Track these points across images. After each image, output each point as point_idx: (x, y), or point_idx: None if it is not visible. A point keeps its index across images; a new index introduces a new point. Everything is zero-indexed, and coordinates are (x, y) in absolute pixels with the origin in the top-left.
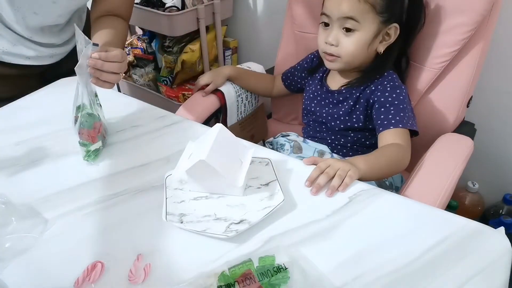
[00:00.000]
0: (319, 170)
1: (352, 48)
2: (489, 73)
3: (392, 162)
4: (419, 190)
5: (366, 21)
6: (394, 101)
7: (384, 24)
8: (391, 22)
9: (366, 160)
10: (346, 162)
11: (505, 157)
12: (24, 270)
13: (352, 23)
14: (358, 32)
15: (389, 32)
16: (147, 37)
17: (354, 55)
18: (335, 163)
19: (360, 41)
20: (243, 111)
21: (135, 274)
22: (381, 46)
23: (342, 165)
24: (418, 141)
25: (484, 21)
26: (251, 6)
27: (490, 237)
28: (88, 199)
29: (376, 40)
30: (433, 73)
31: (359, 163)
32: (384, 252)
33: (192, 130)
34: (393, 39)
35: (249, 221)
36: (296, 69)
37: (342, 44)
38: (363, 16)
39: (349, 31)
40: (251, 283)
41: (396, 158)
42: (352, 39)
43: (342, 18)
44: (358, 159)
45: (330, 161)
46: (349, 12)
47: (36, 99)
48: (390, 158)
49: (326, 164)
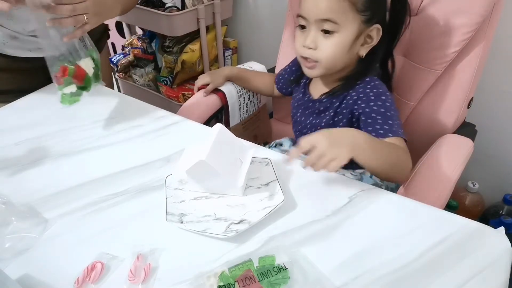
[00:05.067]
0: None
1: (331, 51)
2: (490, 74)
3: (395, 158)
4: (419, 190)
5: (346, 21)
6: (380, 109)
7: (366, 25)
8: (373, 22)
9: (370, 142)
10: (340, 148)
11: (505, 157)
12: (24, 270)
13: (330, 25)
14: (337, 34)
15: (371, 34)
16: (147, 37)
17: (334, 59)
18: (328, 151)
19: (340, 43)
20: (245, 111)
21: (135, 274)
22: (363, 49)
23: (331, 155)
24: (419, 141)
25: (485, 22)
26: (251, 6)
27: (490, 237)
28: (88, 199)
29: (357, 42)
30: (434, 74)
31: (362, 140)
32: (384, 252)
33: (192, 130)
34: (376, 42)
35: (249, 221)
36: (286, 71)
37: (320, 47)
38: (343, 15)
39: (328, 33)
40: (251, 283)
41: (400, 157)
42: (331, 42)
43: (320, 20)
44: (362, 137)
45: (323, 147)
46: (327, 13)
47: (36, 99)
48: (395, 153)
49: (319, 154)
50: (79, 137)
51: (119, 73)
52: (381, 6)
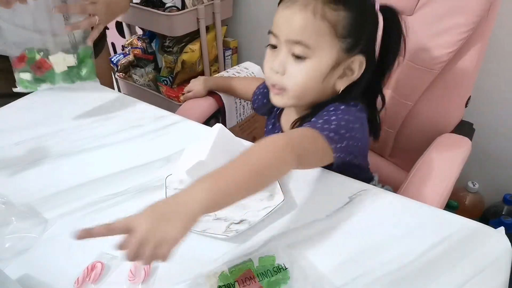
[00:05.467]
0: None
1: (301, 79)
2: (488, 73)
3: (263, 163)
4: (417, 190)
5: (321, 46)
6: (327, 113)
7: (347, 54)
8: (356, 52)
9: (213, 184)
10: (167, 225)
11: (505, 157)
12: (24, 270)
13: (302, 49)
14: (310, 60)
15: (352, 66)
16: (147, 37)
17: (304, 88)
18: (151, 234)
19: (312, 71)
20: (242, 113)
21: (135, 274)
22: (341, 83)
23: (156, 238)
24: (417, 141)
25: (481, 21)
26: (251, 6)
27: (490, 237)
28: (88, 199)
29: (335, 73)
30: (431, 73)
31: (198, 200)
32: (384, 252)
33: (192, 130)
34: (356, 77)
35: (249, 221)
36: (260, 91)
37: (289, 72)
38: (318, 39)
39: (299, 58)
40: (251, 283)
41: (270, 162)
42: (301, 68)
43: (290, 42)
44: (199, 192)
45: (143, 230)
46: (299, 33)
47: (36, 99)
48: (259, 160)
49: (138, 241)
50: (79, 137)
51: (119, 73)
52: (366, 34)
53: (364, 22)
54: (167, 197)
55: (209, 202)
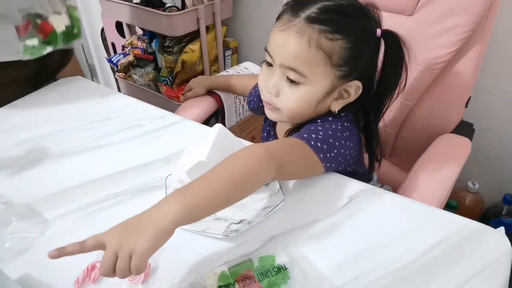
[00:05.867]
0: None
1: (294, 104)
2: (488, 73)
3: (243, 178)
4: (418, 190)
5: (316, 75)
6: (315, 124)
7: (342, 80)
8: (352, 78)
9: (187, 196)
10: (135, 236)
11: (505, 157)
12: (24, 270)
13: (296, 76)
14: (304, 86)
15: (348, 89)
16: (147, 37)
17: (297, 111)
18: (121, 247)
19: (305, 97)
20: (241, 112)
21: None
22: (336, 105)
23: (126, 250)
24: (417, 141)
25: (482, 21)
26: (251, 6)
27: (490, 237)
28: (88, 199)
29: (330, 97)
30: (431, 74)
31: (171, 212)
32: (384, 252)
33: (192, 130)
34: (353, 99)
35: (249, 221)
36: (256, 93)
37: (282, 96)
38: (313, 68)
39: (293, 83)
40: (251, 283)
41: (246, 172)
42: (295, 94)
43: (285, 67)
44: (172, 204)
45: (114, 244)
46: (294, 61)
47: (36, 99)
48: (236, 175)
49: (111, 255)
50: (79, 137)
51: (119, 73)
52: (364, 61)
53: (362, 50)
54: (140, 212)
55: (180, 215)
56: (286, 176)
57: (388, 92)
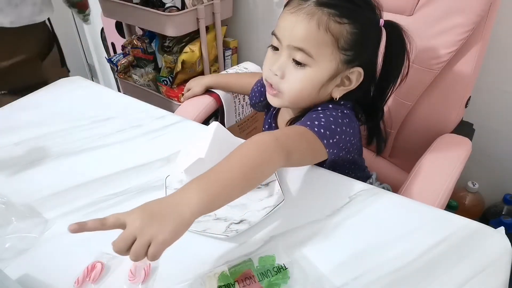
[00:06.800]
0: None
1: (298, 86)
2: (488, 73)
3: (253, 161)
4: (418, 190)
5: (323, 56)
6: (316, 112)
7: (346, 65)
8: (355, 64)
9: (207, 186)
10: (159, 225)
11: (505, 157)
12: (24, 270)
13: (303, 56)
14: (309, 68)
15: (350, 76)
16: (147, 37)
17: (299, 94)
18: (141, 232)
19: (310, 79)
20: (241, 112)
21: (135, 274)
22: (337, 92)
23: (146, 237)
24: (417, 141)
25: (482, 21)
26: (251, 6)
27: (490, 237)
28: (88, 199)
29: (332, 82)
30: (431, 74)
31: (193, 202)
32: (384, 252)
33: (192, 130)
34: (354, 86)
35: (249, 221)
36: (258, 88)
37: (287, 77)
38: (320, 49)
39: (299, 65)
40: (251, 283)
41: (258, 161)
42: (300, 75)
43: (292, 47)
44: (193, 195)
45: (134, 227)
46: (302, 41)
47: (36, 99)
48: (248, 158)
49: (127, 237)
50: (79, 137)
51: (119, 73)
52: (368, 48)
53: (367, 36)
54: (161, 198)
55: (201, 205)
56: (293, 164)
57: (392, 79)
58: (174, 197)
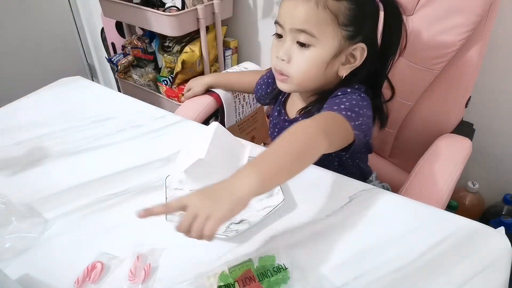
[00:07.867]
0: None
1: (305, 66)
2: (488, 73)
3: (300, 146)
4: (418, 190)
5: (325, 35)
6: (337, 97)
7: (348, 42)
8: (358, 40)
9: (259, 169)
10: (216, 203)
11: (505, 157)
12: (24, 270)
13: (306, 37)
14: (314, 48)
15: (354, 53)
16: (147, 37)
17: (307, 75)
18: (201, 209)
19: (315, 59)
20: (241, 112)
21: (135, 274)
22: (344, 70)
23: (204, 213)
24: (417, 141)
25: (482, 21)
26: (251, 6)
27: (490, 237)
28: (88, 199)
29: (337, 60)
30: (431, 73)
31: (246, 183)
32: (384, 252)
33: (192, 130)
34: (359, 63)
35: (249, 221)
36: (264, 81)
37: (294, 60)
38: (321, 28)
39: (303, 46)
40: (251, 283)
41: (305, 148)
42: (306, 56)
43: (295, 30)
44: (247, 176)
45: (195, 206)
46: (303, 23)
47: (36, 99)
48: (297, 142)
49: (191, 215)
50: (79, 137)
51: (119, 73)
52: (367, 23)
53: (365, 11)
54: (219, 182)
55: (256, 186)
56: (332, 148)
57: (392, 52)
58: (230, 180)
